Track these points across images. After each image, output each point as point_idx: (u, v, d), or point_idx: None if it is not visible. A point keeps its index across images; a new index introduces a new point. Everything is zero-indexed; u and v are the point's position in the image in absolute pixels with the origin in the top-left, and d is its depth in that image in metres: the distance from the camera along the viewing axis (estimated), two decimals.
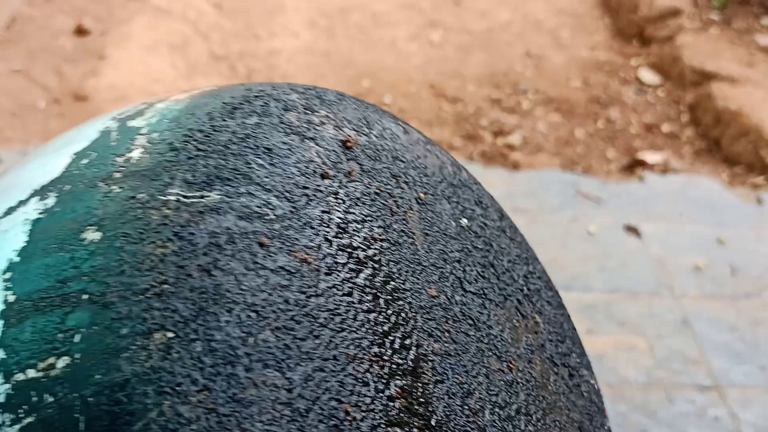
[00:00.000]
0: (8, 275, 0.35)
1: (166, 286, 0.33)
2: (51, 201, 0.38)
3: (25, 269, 0.35)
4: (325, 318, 0.35)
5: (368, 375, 0.35)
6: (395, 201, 0.45)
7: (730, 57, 2.34)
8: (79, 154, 0.41)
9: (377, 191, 0.44)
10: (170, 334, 0.31)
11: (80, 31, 2.24)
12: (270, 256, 0.35)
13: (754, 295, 1.56)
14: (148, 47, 2.17)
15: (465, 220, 0.50)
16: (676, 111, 2.26)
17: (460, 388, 0.40)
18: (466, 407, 0.40)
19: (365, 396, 0.34)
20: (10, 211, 0.39)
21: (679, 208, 1.80)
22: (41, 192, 0.39)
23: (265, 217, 0.37)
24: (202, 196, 0.36)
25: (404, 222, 0.44)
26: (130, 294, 0.33)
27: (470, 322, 0.44)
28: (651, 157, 2.01)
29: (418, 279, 0.42)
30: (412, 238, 0.44)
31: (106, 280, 0.33)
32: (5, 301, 0.34)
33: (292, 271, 0.35)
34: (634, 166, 1.99)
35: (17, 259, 0.36)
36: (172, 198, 0.36)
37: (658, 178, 1.91)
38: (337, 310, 0.35)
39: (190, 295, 0.33)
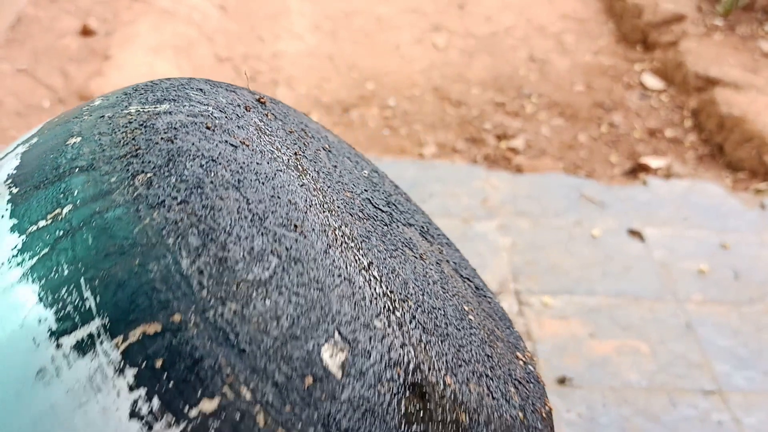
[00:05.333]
0: (8, 181, 0.45)
1: (140, 150, 0.43)
2: (34, 140, 0.49)
3: (22, 173, 0.45)
4: (266, 176, 0.45)
5: (308, 217, 0.44)
6: (306, 141, 0.55)
7: (734, 63, 2.34)
8: (49, 121, 0.52)
9: (291, 131, 0.55)
10: (150, 175, 0.42)
11: (85, 32, 2.25)
12: (216, 134, 0.46)
13: (757, 300, 1.56)
14: (153, 49, 2.17)
15: (366, 172, 0.62)
16: (680, 116, 2.26)
17: (383, 250, 0.50)
18: (389, 263, 0.49)
19: (311, 225, 0.43)
20: (4, 156, 0.49)
21: (683, 213, 1.80)
22: (24, 141, 0.50)
23: (208, 116, 0.48)
24: (156, 107, 0.47)
25: (317, 153, 0.56)
26: (113, 159, 0.43)
27: (384, 222, 0.55)
28: (654, 161, 2.01)
29: (334, 186, 0.53)
30: (325, 164, 0.55)
31: (91, 156, 0.44)
32: (10, 193, 0.44)
33: (236, 145, 0.46)
34: (637, 171, 1.99)
35: (14, 171, 0.46)
36: (133, 109, 0.47)
37: (662, 182, 1.91)
38: (277, 177, 0.45)
39: (160, 153, 0.43)
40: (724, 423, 1.29)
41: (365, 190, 0.57)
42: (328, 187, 0.52)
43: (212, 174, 0.42)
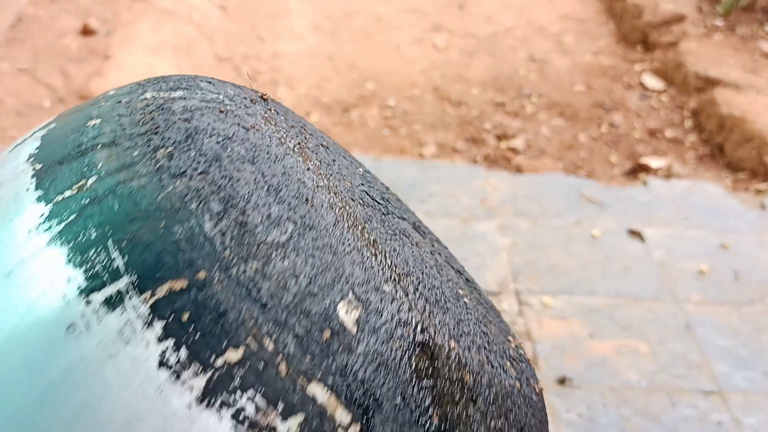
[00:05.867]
0: (31, 159, 0.47)
1: (159, 128, 0.46)
2: (52, 125, 0.51)
3: (44, 152, 0.47)
4: (276, 156, 0.47)
5: (317, 194, 0.47)
6: (306, 136, 0.58)
7: (734, 63, 2.34)
8: (63, 112, 0.53)
9: (292, 125, 0.58)
10: (170, 149, 0.44)
11: (85, 32, 2.25)
12: (229, 117, 0.49)
13: (757, 301, 1.56)
14: (153, 48, 2.17)
15: (360, 170, 0.65)
16: (680, 116, 2.26)
17: (384, 232, 0.54)
18: (390, 243, 0.52)
19: (320, 201, 0.46)
20: (22, 141, 0.51)
21: (683, 213, 1.80)
22: (42, 127, 0.52)
23: (220, 102, 0.50)
24: (170, 93, 0.50)
25: (317, 147, 0.59)
26: (134, 136, 0.45)
27: (382, 212, 0.58)
28: (654, 162, 2.01)
29: (335, 176, 0.56)
30: (325, 157, 0.57)
31: (112, 134, 0.46)
32: (34, 169, 0.46)
33: (247, 128, 0.49)
34: (637, 171, 1.99)
35: (36, 151, 0.48)
36: (149, 95, 0.50)
37: (662, 183, 1.91)
38: (285, 158, 0.48)
39: (179, 130, 0.46)
40: (723, 423, 1.29)
41: (362, 184, 0.61)
42: (330, 175, 0.54)
43: (229, 149, 0.45)
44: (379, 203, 0.60)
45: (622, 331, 1.45)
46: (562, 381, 1.33)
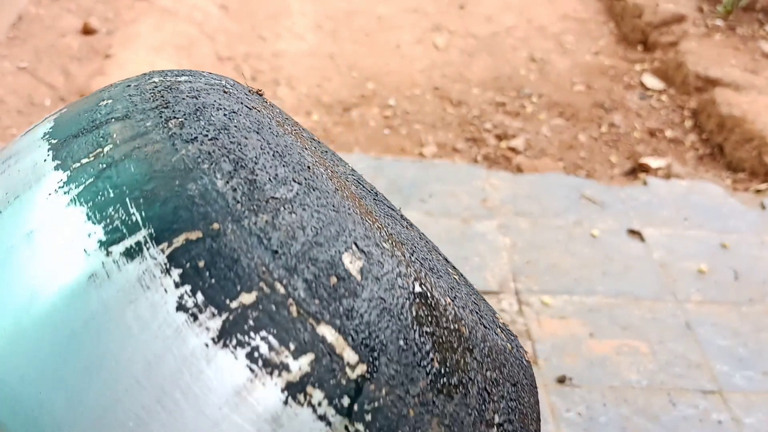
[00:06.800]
0: (46, 136, 0.50)
1: (169, 103, 0.49)
2: (64, 110, 0.54)
3: (58, 129, 0.50)
4: (277, 134, 0.51)
5: (316, 167, 0.50)
6: (298, 129, 0.61)
7: (734, 63, 2.34)
8: (73, 101, 0.56)
9: (286, 118, 0.62)
10: (181, 119, 0.48)
11: (86, 31, 2.25)
12: (232, 97, 0.53)
13: (757, 301, 1.56)
14: (154, 47, 2.17)
15: (349, 166, 0.68)
16: (680, 116, 2.26)
17: (377, 210, 0.56)
18: (384, 219, 0.56)
19: (320, 172, 0.50)
20: (34, 126, 0.54)
21: (683, 213, 1.80)
22: (54, 113, 0.54)
23: (223, 86, 0.55)
24: (177, 77, 0.54)
25: (311, 140, 0.62)
26: (146, 110, 0.49)
27: (373, 197, 0.63)
28: (654, 162, 2.01)
29: (329, 160, 0.59)
30: (317, 148, 0.61)
31: (125, 110, 0.49)
32: (50, 143, 0.49)
33: (250, 107, 0.53)
34: (637, 171, 1.99)
35: (50, 129, 0.51)
36: (156, 79, 0.54)
37: (662, 183, 1.91)
38: (285, 137, 0.52)
39: (188, 104, 0.49)
40: (723, 423, 1.29)
41: (352, 175, 0.64)
42: (325, 159, 0.58)
43: (235, 120, 0.49)
44: (369, 192, 0.64)
45: (622, 331, 1.46)
46: (561, 380, 1.33)
